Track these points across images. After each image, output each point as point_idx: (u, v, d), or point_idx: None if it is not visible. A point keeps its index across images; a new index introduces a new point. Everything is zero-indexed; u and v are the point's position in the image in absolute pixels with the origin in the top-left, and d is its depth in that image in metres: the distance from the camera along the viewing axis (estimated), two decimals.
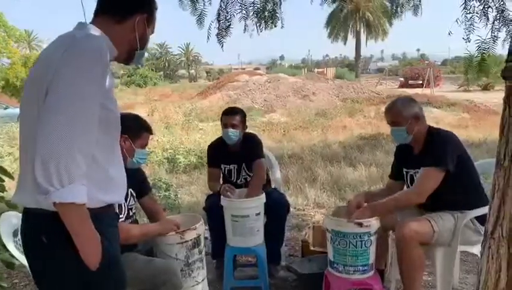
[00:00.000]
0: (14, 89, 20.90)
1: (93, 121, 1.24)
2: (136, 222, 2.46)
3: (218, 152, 3.29)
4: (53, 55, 1.26)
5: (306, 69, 47.32)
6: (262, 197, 2.94)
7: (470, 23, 3.18)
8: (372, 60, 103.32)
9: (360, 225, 2.36)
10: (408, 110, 2.53)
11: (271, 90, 17.04)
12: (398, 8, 4.18)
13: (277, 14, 3.50)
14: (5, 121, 18.48)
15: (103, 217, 1.37)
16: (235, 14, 3.16)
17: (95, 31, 1.37)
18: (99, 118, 1.27)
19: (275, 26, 3.55)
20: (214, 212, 3.06)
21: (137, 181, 2.44)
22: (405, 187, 2.76)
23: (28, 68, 23.90)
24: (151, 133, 2.38)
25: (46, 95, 1.22)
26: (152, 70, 50.28)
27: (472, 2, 3.22)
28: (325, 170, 6.51)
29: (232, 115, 3.16)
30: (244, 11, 3.31)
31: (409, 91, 20.01)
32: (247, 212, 2.89)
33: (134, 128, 2.26)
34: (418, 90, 21.13)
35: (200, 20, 3.35)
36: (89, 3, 1.72)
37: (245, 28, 3.39)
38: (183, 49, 69.15)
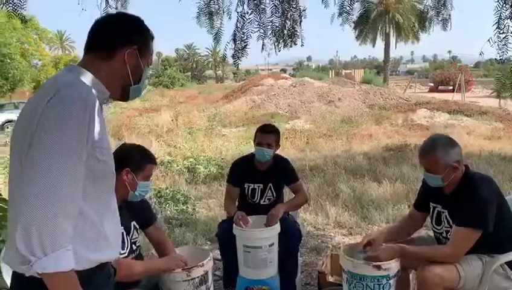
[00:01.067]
0: None
1: (77, 178, 1.16)
2: (140, 256, 2.37)
3: (244, 170, 3.17)
4: (37, 106, 1.17)
5: (333, 71, 46.81)
6: (276, 228, 2.82)
7: (503, 43, 2.97)
8: (402, 61, 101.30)
9: (379, 267, 2.21)
10: (447, 159, 2.28)
11: (296, 95, 16.84)
12: (426, 23, 3.98)
13: (297, 33, 3.38)
14: None
15: (96, 278, 1.29)
16: (251, 34, 3.04)
17: (83, 76, 1.27)
18: (88, 170, 1.19)
19: (295, 44, 3.44)
20: (226, 240, 2.96)
21: (141, 212, 2.36)
22: (429, 222, 2.57)
23: (59, 69, 24.56)
24: (155, 164, 2.28)
25: (29, 149, 1.14)
26: (180, 71, 50.87)
27: (506, 21, 3.01)
28: (347, 184, 6.31)
29: (268, 133, 3.05)
30: (262, 30, 3.21)
31: (439, 96, 19.41)
32: (259, 243, 2.77)
33: (137, 161, 2.17)
34: (449, 96, 20.48)
35: (216, 38, 3.27)
36: None
37: (262, 47, 3.28)
38: (210, 50, 69.66)
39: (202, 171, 6.88)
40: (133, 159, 2.14)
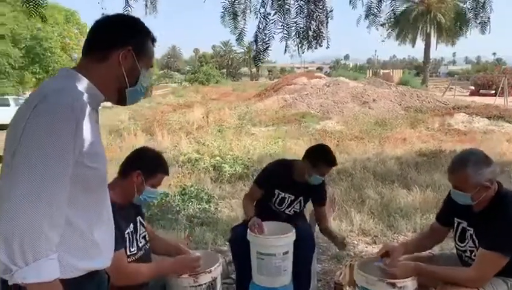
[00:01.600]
0: None
1: (62, 185, 1.13)
2: (149, 251, 2.33)
3: (279, 177, 3.04)
4: (24, 112, 1.15)
5: (371, 70, 45.93)
6: (292, 235, 2.74)
7: None
8: (443, 63, 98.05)
9: (393, 285, 2.09)
10: (479, 177, 2.09)
11: (329, 94, 16.58)
12: (464, 25, 3.78)
13: (322, 34, 3.27)
14: None
15: (85, 287, 1.27)
16: (274, 35, 2.97)
17: (74, 80, 1.24)
18: (76, 177, 1.16)
19: (320, 46, 3.33)
20: (238, 245, 2.90)
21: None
22: (453, 237, 2.42)
23: None
24: (167, 174, 2.26)
25: (14, 156, 1.12)
26: (216, 68, 51.39)
27: None
28: (375, 190, 6.13)
29: (332, 166, 2.99)
30: (285, 31, 3.12)
31: (480, 100, 18.63)
32: (274, 250, 2.70)
33: (151, 167, 2.15)
34: (490, 100, 19.61)
35: (239, 38, 3.22)
36: None
37: (285, 49, 3.20)
38: (246, 48, 69.92)
39: (228, 170, 6.87)
40: (147, 164, 2.13)
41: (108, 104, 1.46)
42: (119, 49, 1.29)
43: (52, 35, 16.48)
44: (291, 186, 3.04)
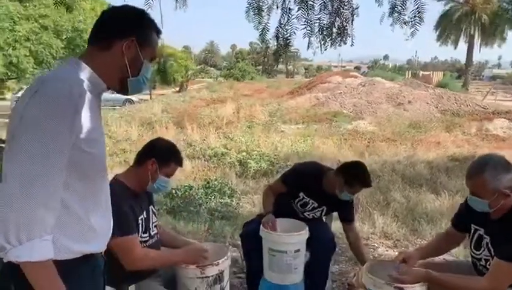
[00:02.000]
0: None
1: (58, 169, 1.16)
2: (159, 240, 2.37)
3: (308, 181, 2.96)
4: (23, 99, 1.19)
5: (410, 72, 44.75)
6: (304, 234, 2.71)
7: None
8: (487, 66, 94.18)
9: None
10: (497, 183, 2.00)
11: (363, 94, 16.27)
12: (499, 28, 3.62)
13: (347, 31, 3.21)
14: (111, 105, 20.26)
15: (78, 269, 1.29)
16: (295, 31, 2.94)
17: (76, 68, 1.27)
18: (73, 162, 1.19)
19: (344, 43, 3.27)
20: (249, 240, 2.90)
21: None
22: (468, 244, 2.33)
23: None
24: (180, 166, 2.30)
25: (12, 140, 1.16)
26: (252, 64, 51.47)
27: None
28: (402, 193, 5.99)
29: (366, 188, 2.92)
30: (308, 28, 3.08)
31: None
32: (285, 247, 2.68)
33: (165, 156, 2.21)
34: None
35: (262, 34, 3.20)
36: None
37: (308, 45, 3.16)
38: (290, 43, 69.60)
39: (253, 166, 6.89)
40: (162, 153, 2.19)
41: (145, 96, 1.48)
42: (122, 39, 1.31)
43: None
44: (317, 194, 2.96)
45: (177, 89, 31.95)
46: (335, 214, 3.28)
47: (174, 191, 5.52)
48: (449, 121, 13.43)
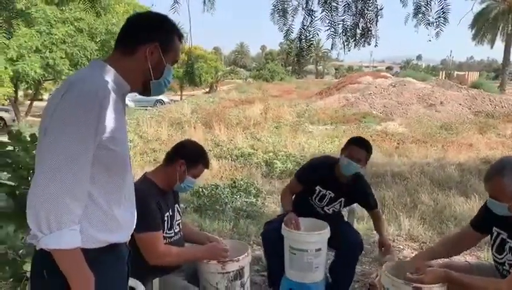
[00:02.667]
0: None
1: (84, 163, 1.25)
2: (182, 238, 2.46)
3: (321, 173, 3.02)
4: (53, 100, 1.29)
5: (444, 72, 43.69)
6: (326, 233, 2.73)
7: None
8: None
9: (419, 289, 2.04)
10: None
11: (393, 95, 16.01)
12: None
13: (371, 32, 3.22)
14: (143, 105, 20.72)
15: (105, 257, 1.38)
16: (318, 33, 2.97)
17: (101, 70, 1.36)
18: (98, 158, 1.28)
19: (368, 44, 3.28)
20: (269, 240, 2.94)
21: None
22: (490, 247, 2.30)
23: None
24: (207, 168, 2.40)
25: (44, 137, 1.26)
26: (282, 65, 51.43)
27: None
28: (430, 196, 5.89)
29: (362, 148, 2.87)
30: (332, 29, 3.11)
31: None
32: (306, 246, 2.71)
33: (194, 159, 2.31)
34: None
35: (287, 35, 3.25)
36: None
37: (332, 46, 3.19)
38: (313, 45, 69.26)
39: (279, 167, 6.93)
40: (191, 156, 2.29)
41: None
42: (146, 45, 1.39)
43: None
44: (333, 185, 2.99)
45: (207, 90, 32.33)
46: (359, 213, 3.30)
47: (200, 190, 5.63)
48: (483, 122, 13.06)
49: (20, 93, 19.35)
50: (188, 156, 2.28)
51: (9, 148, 2.33)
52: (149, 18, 1.46)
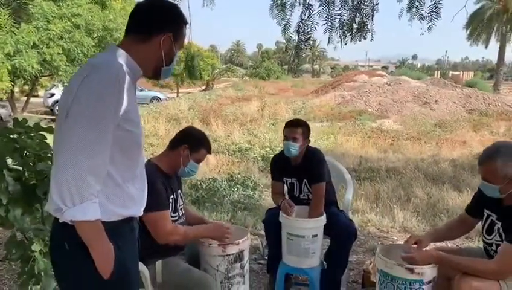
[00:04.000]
0: None
1: (105, 143, 1.34)
2: (186, 222, 2.54)
3: (280, 165, 3.19)
4: (74, 82, 1.38)
5: (439, 72, 43.93)
6: (321, 219, 2.83)
7: None
8: None
9: (411, 270, 2.14)
10: (508, 170, 2.07)
11: (388, 93, 16.16)
12: None
13: (367, 27, 3.31)
14: (138, 102, 20.73)
15: (120, 230, 1.48)
16: (316, 26, 3.06)
17: (117, 55, 1.44)
18: (115, 138, 1.37)
19: (364, 38, 3.37)
20: (271, 226, 3.03)
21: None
22: (481, 229, 2.40)
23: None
24: (209, 153, 2.51)
25: (66, 118, 1.34)
26: (278, 64, 51.48)
27: None
28: (424, 190, 6.00)
29: (294, 127, 3.01)
30: (329, 23, 3.20)
31: None
32: (303, 232, 2.81)
33: (196, 143, 2.41)
34: None
35: (285, 29, 3.33)
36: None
37: (329, 40, 3.28)
38: (309, 45, 69.36)
39: None
40: (194, 141, 2.40)
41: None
42: (160, 34, 1.49)
43: (122, 27, 17.35)
44: (291, 171, 3.13)
45: (204, 87, 32.34)
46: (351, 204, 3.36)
47: (199, 183, 5.71)
48: (476, 120, 13.23)
49: (16, 89, 19.29)
50: (191, 141, 2.38)
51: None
52: (162, 6, 1.54)
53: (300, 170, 3.08)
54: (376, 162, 7.42)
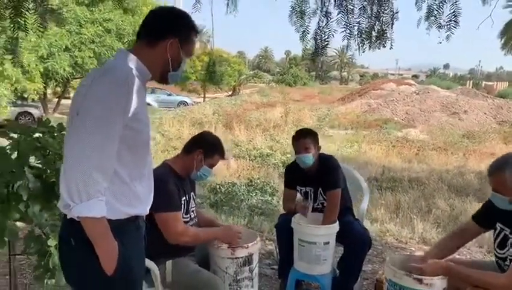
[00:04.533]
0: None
1: (112, 141, 1.39)
2: (197, 224, 2.58)
3: (294, 174, 3.19)
4: (87, 82, 1.45)
5: (471, 82, 42.86)
6: (334, 227, 2.83)
7: None
8: None
9: (420, 281, 2.11)
10: None
11: (416, 102, 15.88)
12: None
13: (386, 35, 3.29)
14: (166, 106, 21.11)
15: (126, 228, 1.53)
16: (334, 33, 3.07)
17: (127, 59, 1.50)
18: (123, 137, 1.42)
19: (384, 46, 3.36)
20: (283, 232, 3.04)
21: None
22: (492, 243, 2.34)
23: (197, 59, 26.53)
24: (223, 159, 2.54)
25: (76, 117, 1.40)
26: (305, 70, 51.35)
27: None
28: (447, 201, 5.87)
29: (302, 138, 3.00)
30: (348, 31, 3.20)
31: None
32: (314, 239, 2.81)
33: (211, 149, 2.45)
34: None
35: (303, 37, 3.34)
36: None
37: (347, 48, 3.27)
38: (338, 51, 68.88)
39: None
40: (208, 146, 2.45)
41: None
42: (167, 39, 1.54)
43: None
44: (307, 180, 3.11)
45: (230, 93, 32.60)
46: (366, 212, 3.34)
47: (218, 187, 5.78)
48: (507, 132, 12.82)
49: (49, 91, 19.97)
50: (206, 146, 2.42)
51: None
52: (171, 13, 1.60)
53: (316, 179, 3.08)
54: (399, 172, 7.31)
